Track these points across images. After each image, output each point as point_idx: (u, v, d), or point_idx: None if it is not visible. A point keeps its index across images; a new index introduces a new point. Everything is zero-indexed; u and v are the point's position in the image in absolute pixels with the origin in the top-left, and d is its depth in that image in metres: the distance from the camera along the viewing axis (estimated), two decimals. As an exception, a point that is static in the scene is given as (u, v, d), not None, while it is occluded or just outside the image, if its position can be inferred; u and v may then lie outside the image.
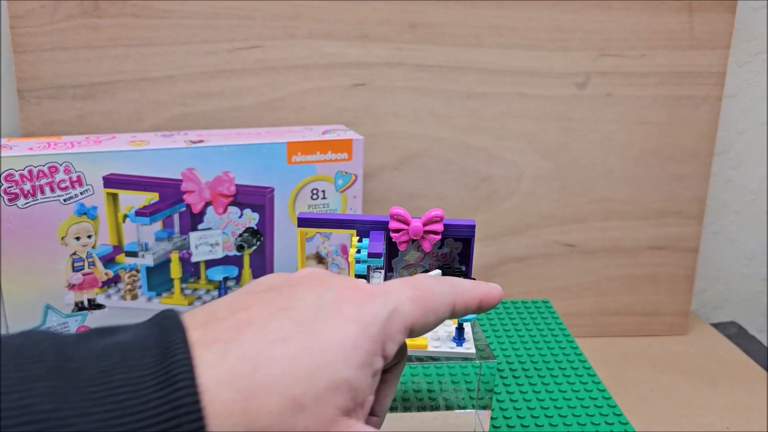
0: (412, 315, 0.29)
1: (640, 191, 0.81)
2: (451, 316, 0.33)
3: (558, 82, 0.77)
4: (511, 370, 0.54)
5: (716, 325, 0.93)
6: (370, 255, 0.42)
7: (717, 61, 0.78)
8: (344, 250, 0.69)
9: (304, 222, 0.45)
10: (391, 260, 0.47)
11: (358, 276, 0.42)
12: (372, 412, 0.33)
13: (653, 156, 0.80)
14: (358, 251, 0.42)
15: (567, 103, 0.78)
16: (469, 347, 0.43)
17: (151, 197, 0.62)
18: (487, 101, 0.77)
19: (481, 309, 0.35)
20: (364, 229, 0.45)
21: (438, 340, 0.44)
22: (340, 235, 0.68)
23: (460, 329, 0.44)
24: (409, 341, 0.43)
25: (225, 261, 0.66)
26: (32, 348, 0.23)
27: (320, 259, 0.69)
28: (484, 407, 0.46)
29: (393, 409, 0.47)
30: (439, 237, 0.44)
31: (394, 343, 0.28)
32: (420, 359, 0.44)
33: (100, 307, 0.63)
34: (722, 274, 0.96)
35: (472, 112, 0.77)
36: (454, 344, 0.43)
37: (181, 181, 0.62)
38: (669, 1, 0.76)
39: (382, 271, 0.44)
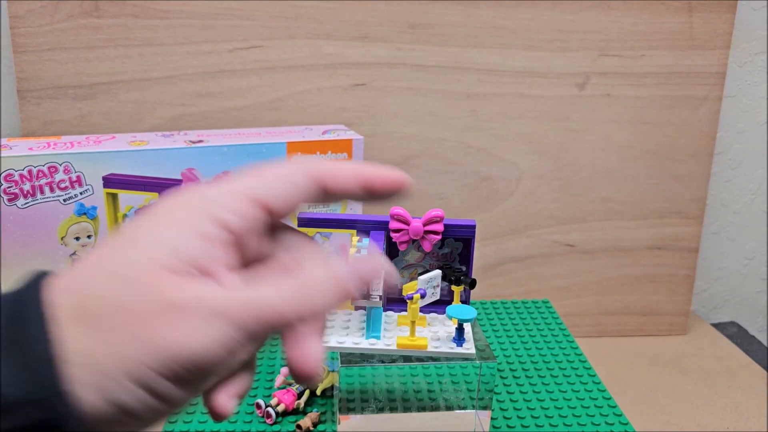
0: (249, 185, 0.28)
1: (640, 191, 0.81)
2: (320, 193, 0.30)
3: (558, 83, 0.77)
4: (511, 370, 0.54)
5: (716, 325, 0.93)
6: None
7: (717, 61, 0.78)
8: (344, 250, 0.69)
9: (304, 222, 0.45)
10: (392, 260, 0.47)
11: None
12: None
13: (653, 156, 0.80)
14: (359, 251, 0.42)
15: (567, 103, 0.78)
16: (469, 347, 0.43)
17: (151, 197, 0.62)
18: (486, 101, 0.77)
19: (369, 191, 0.31)
20: (364, 229, 0.45)
21: (438, 341, 0.44)
22: (340, 235, 0.68)
23: (460, 329, 0.44)
24: (409, 341, 0.43)
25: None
26: None
27: (320, 259, 0.69)
28: (484, 407, 0.46)
29: (393, 409, 0.47)
30: (439, 237, 0.44)
31: (228, 212, 0.27)
32: (420, 359, 0.44)
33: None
34: (722, 273, 0.96)
35: (472, 113, 0.77)
36: (454, 344, 0.43)
37: (181, 181, 0.62)
38: (669, 2, 0.76)
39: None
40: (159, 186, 0.62)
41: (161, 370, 0.24)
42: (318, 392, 0.49)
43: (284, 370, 0.51)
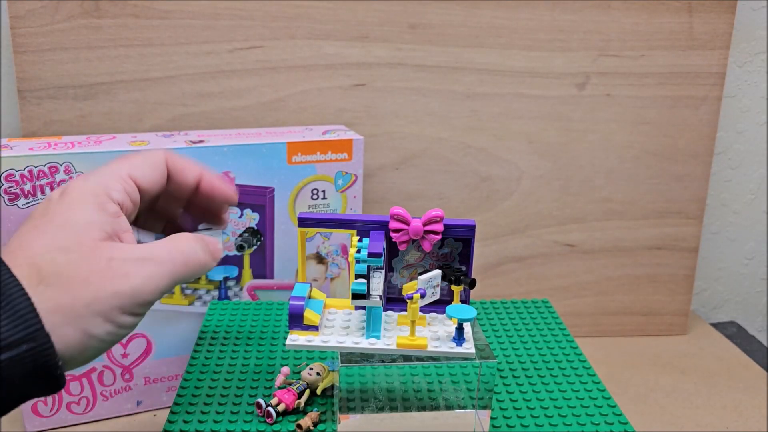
0: (124, 167, 0.41)
1: (640, 191, 0.81)
2: (174, 177, 0.44)
3: (557, 83, 0.77)
4: (511, 370, 0.54)
5: (716, 325, 0.93)
6: (370, 255, 0.42)
7: (717, 61, 0.78)
8: (344, 250, 0.69)
9: (304, 222, 0.45)
10: (392, 260, 0.47)
11: (358, 276, 0.42)
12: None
13: (653, 156, 0.80)
14: (358, 251, 0.42)
15: (567, 103, 0.78)
16: (468, 347, 0.43)
17: (152, 197, 0.62)
18: (486, 101, 0.77)
19: (205, 194, 0.46)
20: (364, 229, 0.45)
21: (438, 340, 0.44)
22: (340, 235, 0.69)
23: (459, 329, 0.44)
24: (409, 341, 0.43)
25: (225, 261, 0.66)
26: None
27: (320, 259, 0.69)
28: (484, 407, 0.46)
29: (393, 408, 0.47)
30: (439, 237, 0.44)
31: (116, 191, 0.39)
32: (420, 359, 0.44)
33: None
34: (722, 273, 0.96)
35: (472, 113, 0.77)
36: (454, 344, 0.43)
37: (181, 181, 0.62)
38: (669, 2, 0.76)
39: (383, 272, 0.44)
40: (159, 186, 0.62)
41: (119, 305, 0.35)
42: (318, 392, 0.49)
43: (284, 369, 0.51)
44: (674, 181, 0.81)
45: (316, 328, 0.44)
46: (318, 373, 0.49)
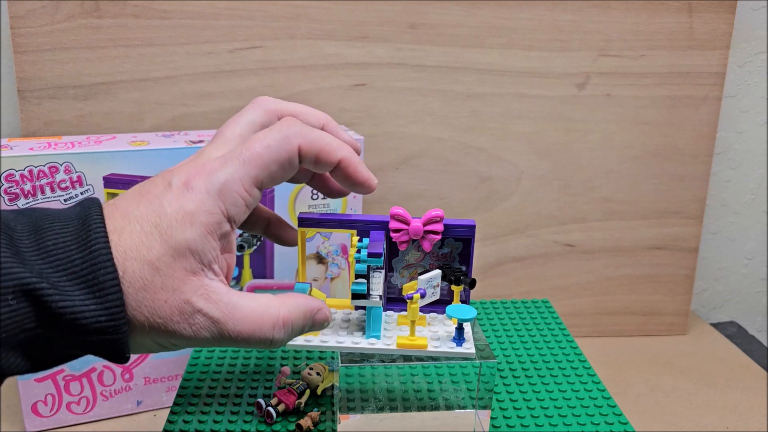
0: (250, 175, 0.35)
1: (640, 191, 0.81)
2: (306, 163, 0.38)
3: (558, 83, 0.77)
4: (511, 370, 0.54)
5: (716, 325, 0.93)
6: (370, 255, 0.42)
7: (717, 61, 0.78)
8: (344, 250, 0.69)
9: (304, 222, 0.45)
10: (392, 260, 0.47)
11: (358, 276, 0.42)
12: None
13: (653, 156, 0.80)
14: (359, 251, 0.42)
15: (567, 103, 0.78)
16: (469, 347, 0.43)
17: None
18: (486, 101, 0.77)
19: (342, 172, 0.39)
20: (364, 229, 0.45)
21: (438, 340, 0.44)
22: (340, 235, 0.69)
23: (460, 329, 0.44)
24: (408, 341, 0.43)
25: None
26: None
27: (320, 259, 0.69)
28: (484, 407, 0.46)
29: (393, 408, 0.47)
30: (439, 237, 0.44)
31: (236, 206, 0.35)
32: (420, 359, 0.44)
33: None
34: (722, 273, 0.96)
35: (472, 113, 0.77)
36: (454, 344, 0.43)
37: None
38: (669, 2, 0.76)
39: (383, 271, 0.44)
40: (159, 186, 0.62)
41: (178, 345, 0.35)
42: (318, 392, 0.49)
43: (285, 369, 0.51)
44: (674, 181, 0.81)
45: None
46: (318, 373, 0.49)
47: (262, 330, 0.35)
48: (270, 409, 0.47)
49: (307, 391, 0.49)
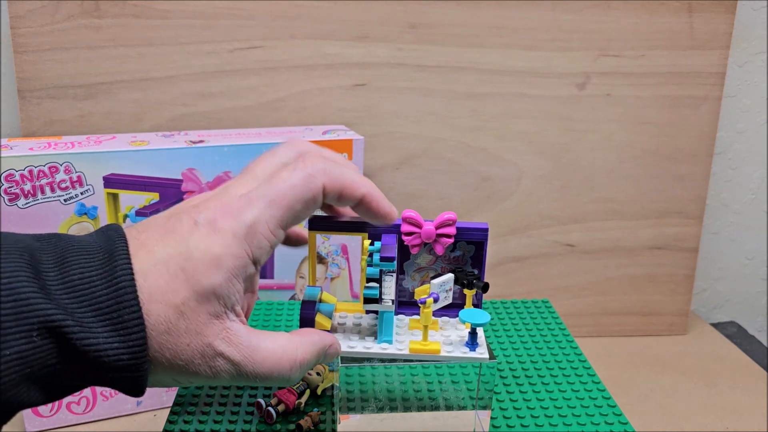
0: (275, 217, 0.35)
1: (640, 191, 0.81)
2: (330, 199, 0.38)
3: (558, 82, 0.77)
4: (511, 370, 0.54)
5: (716, 325, 0.93)
6: (382, 259, 0.41)
7: (717, 61, 0.78)
8: (344, 250, 0.69)
9: (314, 224, 0.44)
10: (403, 263, 0.47)
11: (369, 280, 0.41)
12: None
13: (653, 156, 0.80)
14: (370, 255, 0.42)
15: (567, 103, 0.78)
16: (482, 352, 0.42)
17: (152, 197, 0.62)
18: (487, 101, 0.77)
19: (365, 207, 0.39)
20: (375, 232, 0.44)
21: (451, 345, 0.43)
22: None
23: (473, 334, 0.43)
24: (422, 346, 0.42)
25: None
26: (15, 249, 0.31)
27: (320, 259, 0.69)
28: (484, 407, 0.46)
29: (393, 408, 0.47)
30: (451, 240, 0.44)
31: (261, 248, 0.35)
32: (420, 359, 0.44)
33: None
34: (722, 274, 0.96)
35: (473, 113, 0.77)
36: (467, 349, 0.43)
37: (181, 181, 0.62)
38: (669, 2, 0.76)
39: (394, 275, 0.43)
40: (159, 186, 0.62)
41: (196, 383, 0.35)
42: (318, 392, 0.49)
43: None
44: (674, 181, 0.81)
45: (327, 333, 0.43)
46: (318, 373, 0.49)
47: (280, 372, 0.36)
48: (270, 409, 0.47)
49: (307, 391, 0.49)
